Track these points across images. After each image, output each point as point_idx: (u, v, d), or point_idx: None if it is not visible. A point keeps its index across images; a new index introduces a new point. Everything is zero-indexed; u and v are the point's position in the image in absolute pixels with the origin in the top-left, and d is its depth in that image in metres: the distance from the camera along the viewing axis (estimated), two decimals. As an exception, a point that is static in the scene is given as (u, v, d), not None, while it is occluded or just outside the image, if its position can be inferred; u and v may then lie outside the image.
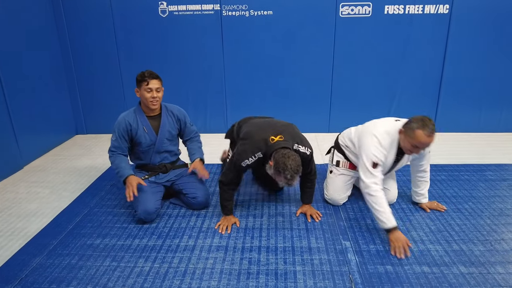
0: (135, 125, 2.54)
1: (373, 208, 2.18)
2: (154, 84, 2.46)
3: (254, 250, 2.16)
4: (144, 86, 2.46)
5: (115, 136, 2.52)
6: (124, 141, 2.54)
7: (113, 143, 2.54)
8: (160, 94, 2.52)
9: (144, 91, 2.47)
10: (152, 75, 2.47)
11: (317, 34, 3.93)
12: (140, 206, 2.42)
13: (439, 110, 4.16)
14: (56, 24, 4.04)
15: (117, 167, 2.50)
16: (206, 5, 3.88)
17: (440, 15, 3.80)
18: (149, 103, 2.49)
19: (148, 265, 2.05)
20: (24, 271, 2.04)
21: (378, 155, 2.21)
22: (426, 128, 2.05)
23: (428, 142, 2.10)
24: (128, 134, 2.53)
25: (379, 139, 2.23)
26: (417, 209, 2.58)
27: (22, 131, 3.50)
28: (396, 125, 2.27)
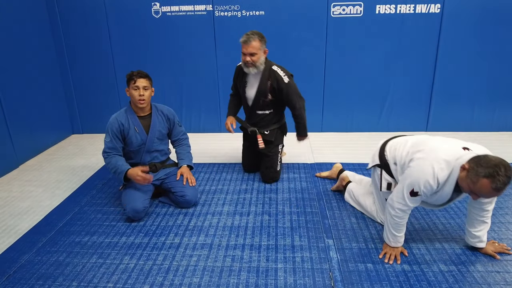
0: (126, 125, 2.57)
1: (389, 229, 2.05)
2: (141, 82, 2.50)
3: (238, 248, 2.19)
4: (132, 84, 2.50)
5: (109, 137, 2.55)
6: (118, 141, 2.57)
7: (107, 144, 2.57)
8: (147, 92, 2.54)
9: (132, 90, 2.52)
10: (140, 74, 2.52)
11: (309, 34, 3.95)
12: (128, 204, 2.47)
13: (431, 109, 4.17)
14: (51, 24, 4.08)
15: (114, 166, 2.54)
16: (199, 6, 3.91)
17: (432, 14, 3.81)
18: (137, 101, 2.53)
19: (133, 262, 2.09)
20: (13, 267, 2.08)
21: (423, 187, 1.85)
22: (495, 180, 1.60)
23: (492, 195, 1.69)
24: (121, 134, 2.57)
25: (435, 171, 1.80)
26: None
27: (17, 131, 3.55)
28: (461, 156, 1.78)
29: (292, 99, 2.85)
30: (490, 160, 1.64)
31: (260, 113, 2.98)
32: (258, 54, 2.70)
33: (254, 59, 2.70)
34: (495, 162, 1.62)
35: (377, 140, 4.01)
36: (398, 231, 2.04)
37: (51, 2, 4.01)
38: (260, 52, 2.71)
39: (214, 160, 3.59)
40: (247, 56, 2.70)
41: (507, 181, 1.60)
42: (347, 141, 4.06)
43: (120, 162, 2.55)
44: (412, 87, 4.11)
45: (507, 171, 1.60)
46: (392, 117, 4.25)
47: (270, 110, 2.96)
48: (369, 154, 3.55)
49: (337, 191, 2.85)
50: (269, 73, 2.81)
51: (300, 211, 2.57)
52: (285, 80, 2.78)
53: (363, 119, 4.28)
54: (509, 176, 1.60)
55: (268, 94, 2.86)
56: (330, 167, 3.31)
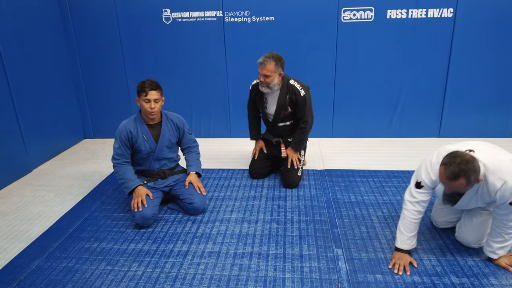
0: (135, 133, 2.59)
1: (399, 225, 2.09)
2: (152, 95, 2.50)
3: (246, 257, 2.18)
4: (143, 96, 2.50)
5: (118, 144, 2.58)
6: (126, 148, 2.60)
7: (116, 151, 2.59)
8: (158, 104, 2.55)
9: (143, 102, 2.51)
10: (152, 86, 2.50)
11: (319, 39, 3.93)
12: (137, 211, 2.47)
13: (444, 115, 4.10)
14: (64, 30, 4.15)
15: (122, 178, 2.56)
16: (209, 12, 3.93)
17: (444, 19, 3.75)
18: (148, 113, 2.55)
19: (141, 270, 2.10)
20: (23, 273, 2.11)
21: (424, 176, 1.97)
22: (447, 167, 1.71)
23: (446, 184, 1.78)
24: (129, 142, 2.59)
25: (432, 162, 1.96)
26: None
27: (30, 136, 3.60)
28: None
29: (305, 111, 2.97)
30: (455, 152, 1.75)
31: (281, 125, 3.12)
32: (272, 76, 2.83)
33: (268, 81, 2.85)
34: (457, 154, 1.73)
35: (388, 146, 4.00)
36: (406, 229, 2.05)
37: (64, 9, 4.07)
38: (274, 75, 2.84)
39: (223, 165, 3.59)
40: (262, 76, 2.85)
41: (458, 171, 1.68)
42: (358, 147, 4.02)
43: (128, 174, 2.57)
44: (424, 92, 4.05)
45: (462, 164, 1.68)
46: (403, 123, 4.19)
47: (291, 121, 3.10)
48: (381, 160, 3.56)
49: None
50: (287, 88, 2.94)
51: (309, 219, 2.55)
52: (302, 93, 2.92)
53: (374, 125, 4.23)
54: (462, 169, 1.67)
55: (287, 107, 2.99)
56: (340, 173, 3.29)
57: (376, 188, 3.00)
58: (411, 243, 2.07)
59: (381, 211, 2.64)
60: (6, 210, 2.88)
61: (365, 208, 2.70)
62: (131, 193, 2.55)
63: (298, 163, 3.02)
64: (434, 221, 2.43)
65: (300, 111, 2.98)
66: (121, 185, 2.60)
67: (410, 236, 2.05)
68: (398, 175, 3.22)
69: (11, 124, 3.38)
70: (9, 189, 3.26)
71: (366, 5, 3.77)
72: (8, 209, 2.89)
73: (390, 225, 2.46)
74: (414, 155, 3.72)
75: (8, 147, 3.34)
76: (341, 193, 2.93)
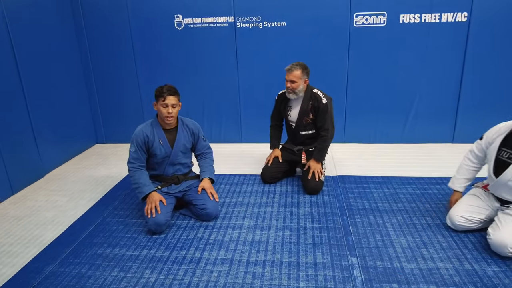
0: (151, 137, 2.61)
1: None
2: (170, 100, 2.52)
3: (259, 264, 2.15)
4: (161, 101, 2.52)
5: (134, 148, 2.59)
6: (142, 152, 2.61)
7: (132, 155, 2.61)
8: (176, 109, 2.57)
9: (161, 106, 2.53)
10: (170, 91, 2.52)
11: (331, 44, 3.91)
12: (150, 217, 2.47)
13: (458, 120, 4.04)
14: (77, 36, 4.20)
15: (137, 183, 2.57)
16: (221, 18, 3.94)
17: (458, 23, 3.70)
18: (165, 118, 2.56)
19: (154, 276, 2.09)
20: (37, 278, 2.11)
21: (488, 132, 2.33)
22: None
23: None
24: (145, 146, 2.61)
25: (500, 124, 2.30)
26: (429, 225, 2.51)
27: (43, 141, 3.64)
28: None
29: (325, 120, 3.05)
30: None
31: (303, 133, 3.19)
32: (298, 82, 2.97)
33: (293, 86, 2.98)
34: None
35: (401, 152, 3.95)
36: (457, 172, 2.51)
37: (78, 16, 4.12)
38: (300, 81, 2.97)
39: (234, 171, 3.57)
40: (288, 82, 2.99)
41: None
42: (370, 152, 3.97)
43: (143, 179, 2.58)
44: (438, 97, 4.00)
45: None
46: (417, 128, 4.14)
47: (313, 131, 3.18)
48: (394, 166, 3.51)
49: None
50: (310, 95, 3.06)
51: (323, 227, 2.52)
52: (324, 101, 3.03)
53: (387, 130, 4.19)
54: None
55: (309, 113, 3.08)
56: (353, 179, 3.25)
57: (390, 195, 2.96)
58: (457, 184, 2.49)
59: (396, 219, 2.60)
60: (20, 215, 2.90)
61: (380, 215, 2.65)
62: (145, 198, 2.55)
63: (320, 175, 3.01)
64: (449, 217, 2.42)
65: (321, 119, 3.05)
66: (135, 189, 2.60)
67: (459, 179, 2.48)
68: (412, 182, 3.17)
69: (25, 129, 3.42)
70: (22, 193, 3.29)
71: (378, 9, 3.74)
72: (22, 214, 2.91)
73: (406, 233, 2.42)
74: (428, 161, 3.66)
75: (22, 152, 3.38)
76: (355, 199, 2.89)
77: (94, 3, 4.08)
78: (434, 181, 3.18)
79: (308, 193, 3.01)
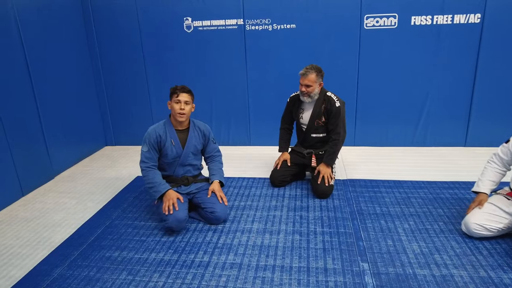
0: (164, 137, 2.62)
1: None
2: (183, 97, 2.56)
3: (268, 269, 2.12)
4: (174, 97, 2.57)
5: (147, 147, 2.60)
6: (155, 152, 2.62)
7: (145, 154, 2.61)
8: (188, 107, 2.59)
9: (174, 103, 2.58)
10: (184, 89, 2.59)
11: (341, 47, 3.88)
12: (170, 215, 2.45)
13: (470, 123, 3.97)
14: (87, 38, 4.22)
15: (152, 182, 2.57)
16: (230, 20, 3.93)
17: (471, 25, 3.64)
18: (177, 114, 2.58)
19: (162, 280, 2.06)
20: (46, 281, 2.10)
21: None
22: None
23: None
24: (158, 145, 2.62)
25: None
26: (442, 230, 2.45)
27: (53, 143, 3.66)
28: None
29: (337, 123, 3.01)
30: None
31: (314, 136, 3.17)
32: (313, 86, 2.96)
33: (309, 90, 2.98)
34: None
35: (413, 156, 3.89)
36: (482, 175, 2.42)
37: (88, 19, 4.15)
38: (315, 85, 2.97)
39: (243, 174, 3.55)
40: (303, 86, 2.98)
41: None
42: (381, 156, 3.92)
43: (158, 178, 2.59)
44: (450, 100, 3.94)
45: None
46: (428, 131, 4.07)
47: (324, 134, 3.15)
48: (405, 170, 3.46)
49: None
50: (323, 98, 3.05)
51: (333, 232, 2.48)
52: (337, 104, 3.01)
53: (398, 133, 4.13)
54: None
55: (322, 116, 3.07)
56: (364, 183, 3.21)
57: (402, 199, 2.91)
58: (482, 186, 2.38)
59: (408, 224, 2.55)
60: (30, 217, 2.91)
61: (391, 220, 2.60)
62: (161, 198, 2.55)
63: (330, 179, 2.97)
64: (465, 223, 2.35)
65: (333, 122, 3.02)
66: (150, 189, 2.59)
67: (484, 181, 2.38)
68: (424, 186, 3.12)
69: (35, 131, 3.44)
70: (32, 195, 3.30)
71: (389, 11, 3.70)
72: (31, 216, 2.92)
73: (418, 238, 2.37)
74: (439, 165, 3.60)
75: (32, 154, 3.39)
76: (366, 204, 2.85)
77: (104, 7, 4.10)
78: (446, 185, 3.12)
79: (317, 197, 2.98)
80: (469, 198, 2.87)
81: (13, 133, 3.15)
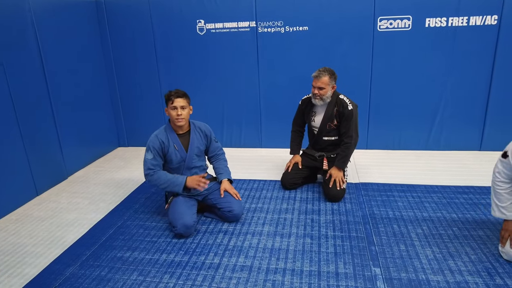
0: (167, 143, 2.63)
1: (492, 197, 2.20)
2: (178, 102, 2.54)
3: (279, 272, 2.11)
4: (170, 104, 2.56)
5: (152, 155, 2.59)
6: (160, 158, 2.62)
7: (151, 162, 2.60)
8: (185, 111, 2.58)
9: (170, 110, 2.57)
10: (178, 94, 2.56)
11: (354, 49, 3.84)
12: (178, 221, 2.47)
13: (486, 127, 3.90)
14: (101, 41, 4.28)
15: (166, 181, 2.58)
16: (242, 23, 3.94)
17: (488, 26, 3.58)
18: (175, 120, 2.58)
19: (173, 282, 2.07)
20: (58, 280, 2.13)
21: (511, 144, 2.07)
22: None
23: None
24: (162, 151, 2.62)
25: None
26: (456, 236, 2.40)
27: (67, 144, 3.71)
28: None
29: (350, 126, 2.98)
30: None
31: (326, 139, 3.14)
32: (326, 89, 2.93)
33: (321, 93, 2.94)
34: None
35: (426, 160, 3.83)
36: (498, 200, 2.16)
37: (102, 21, 4.21)
38: (328, 87, 2.94)
39: (254, 176, 3.54)
40: (316, 89, 2.94)
41: None
42: (394, 159, 3.87)
43: (169, 175, 2.61)
44: (465, 103, 3.87)
45: None
46: (442, 135, 4.01)
47: (335, 137, 3.12)
48: (419, 174, 3.41)
49: None
50: (336, 101, 3.02)
51: (345, 236, 2.45)
52: (349, 107, 2.97)
53: (411, 137, 4.08)
54: None
55: (334, 119, 3.04)
56: (376, 187, 3.17)
57: (415, 203, 2.86)
58: (508, 211, 2.13)
59: (421, 228, 2.50)
60: (43, 216, 2.95)
61: (404, 224, 2.57)
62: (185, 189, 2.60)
63: (342, 183, 2.94)
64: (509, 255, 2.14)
65: (345, 125, 2.99)
66: (168, 187, 2.60)
67: (503, 206, 2.14)
68: (438, 190, 3.07)
69: (50, 132, 3.50)
70: (46, 195, 3.35)
71: (403, 13, 3.66)
72: (45, 215, 2.96)
73: (431, 243, 2.32)
74: (454, 169, 3.54)
75: (46, 154, 3.45)
76: (378, 208, 2.81)
77: (119, 10, 4.15)
78: (461, 190, 3.06)
79: (329, 201, 2.95)
80: (484, 203, 2.81)
81: (28, 135, 3.20)
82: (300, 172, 3.19)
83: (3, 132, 2.98)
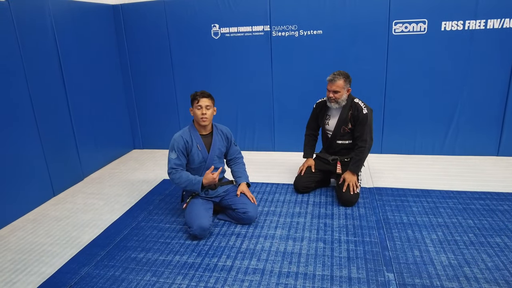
0: (190, 142, 2.67)
1: None
2: (204, 102, 2.60)
3: (291, 276, 2.10)
4: (195, 104, 2.61)
5: (176, 154, 2.63)
6: (184, 158, 2.67)
7: (174, 161, 2.64)
8: (209, 111, 2.63)
9: (195, 109, 2.62)
10: (203, 94, 2.63)
11: (369, 53, 3.82)
12: (194, 222, 2.50)
13: (504, 132, 3.82)
14: (118, 45, 4.36)
15: (187, 180, 2.62)
16: (257, 27, 3.96)
17: (506, 29, 3.51)
18: (200, 119, 2.62)
19: (186, 283, 2.08)
20: (74, 279, 2.17)
21: None
22: None
23: None
24: (186, 151, 2.67)
25: None
26: (472, 242, 2.36)
27: (84, 146, 3.78)
28: None
29: (364, 130, 2.97)
30: None
31: (340, 142, 3.14)
32: (341, 92, 2.95)
33: (337, 96, 2.96)
34: None
35: (442, 165, 3.77)
36: None
37: (119, 26, 4.28)
38: (343, 90, 2.95)
39: (267, 179, 3.55)
40: (331, 92, 2.97)
41: None
42: (409, 164, 3.82)
43: (191, 176, 2.65)
44: (482, 108, 3.80)
45: None
46: (458, 140, 3.95)
47: (349, 141, 3.12)
48: (434, 179, 3.36)
49: None
50: (350, 104, 3.03)
51: (358, 240, 2.43)
52: (364, 111, 2.97)
53: (427, 142, 4.02)
54: None
55: (348, 122, 3.04)
56: (391, 192, 3.14)
57: (430, 209, 2.82)
58: None
59: (436, 234, 2.47)
60: (60, 216, 3.01)
61: (418, 230, 2.53)
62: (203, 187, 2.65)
63: (355, 188, 2.92)
64: None
65: (360, 129, 2.99)
66: (187, 186, 2.63)
67: None
68: (453, 196, 3.02)
69: (67, 134, 3.57)
70: (63, 195, 3.42)
71: (419, 17, 3.63)
72: (61, 215, 3.02)
73: (446, 250, 2.29)
74: (470, 174, 3.48)
75: (63, 156, 3.52)
76: (392, 213, 2.78)
77: (135, 14, 4.22)
78: (477, 195, 3.01)
79: (342, 205, 2.93)
80: (501, 210, 2.76)
81: (46, 137, 3.28)
82: (313, 176, 3.19)
83: (23, 134, 3.06)
